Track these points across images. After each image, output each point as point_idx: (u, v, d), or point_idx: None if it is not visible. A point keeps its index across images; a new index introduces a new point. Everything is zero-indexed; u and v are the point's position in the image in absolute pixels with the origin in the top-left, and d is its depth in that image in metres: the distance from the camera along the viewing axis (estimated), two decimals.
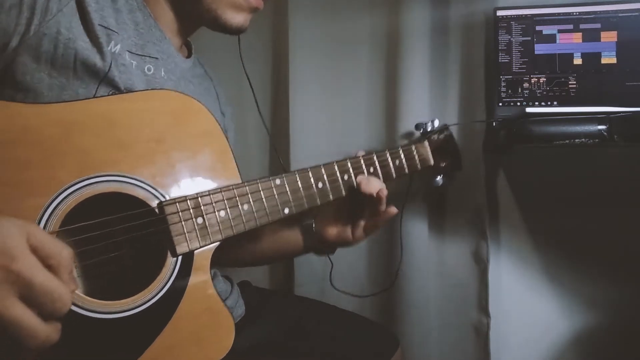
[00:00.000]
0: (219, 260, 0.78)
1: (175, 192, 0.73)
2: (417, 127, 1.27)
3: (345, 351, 1.03)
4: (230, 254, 1.02)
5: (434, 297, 1.46)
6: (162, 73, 0.87)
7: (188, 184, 0.75)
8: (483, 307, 1.42)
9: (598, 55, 1.27)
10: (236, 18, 0.92)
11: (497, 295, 1.42)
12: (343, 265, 1.49)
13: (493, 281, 1.41)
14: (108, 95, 0.76)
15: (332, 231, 1.02)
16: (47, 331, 0.53)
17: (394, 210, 0.99)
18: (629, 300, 1.36)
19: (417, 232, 1.44)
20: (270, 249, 1.07)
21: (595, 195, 1.36)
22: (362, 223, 1.01)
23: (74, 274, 0.60)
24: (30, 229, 0.53)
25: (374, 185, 0.96)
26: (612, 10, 1.26)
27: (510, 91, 1.32)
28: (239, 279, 1.17)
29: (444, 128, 1.25)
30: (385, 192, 0.96)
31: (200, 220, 0.74)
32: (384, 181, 1.02)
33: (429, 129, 1.25)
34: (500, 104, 1.32)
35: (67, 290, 0.54)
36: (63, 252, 0.54)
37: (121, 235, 0.69)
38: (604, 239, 1.37)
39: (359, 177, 0.97)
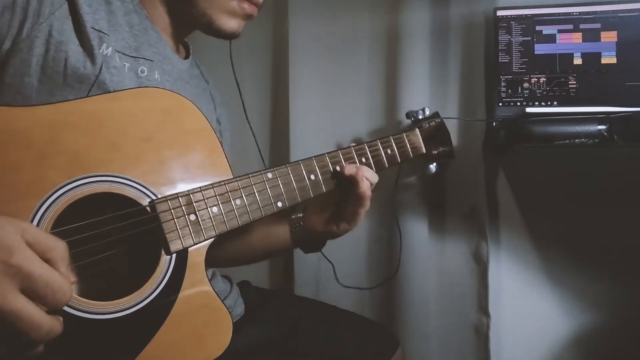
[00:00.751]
0: (209, 260, 0.78)
1: (166, 190, 0.73)
2: (408, 115, 1.27)
3: (345, 351, 1.03)
4: (221, 252, 1.01)
5: (434, 297, 1.46)
6: (157, 75, 0.87)
7: (179, 182, 0.75)
8: (483, 307, 1.42)
9: (598, 55, 1.27)
10: (230, 23, 0.93)
11: (497, 295, 1.42)
12: (342, 264, 1.50)
13: (493, 281, 1.41)
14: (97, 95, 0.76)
15: (319, 221, 1.01)
16: (50, 323, 0.53)
17: (367, 193, 0.95)
18: (629, 300, 1.35)
19: (417, 232, 1.44)
20: (259, 244, 1.06)
21: (595, 195, 1.36)
22: (347, 211, 0.98)
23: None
24: (24, 225, 0.54)
25: (357, 168, 0.95)
26: (612, 10, 1.26)
27: (510, 91, 1.32)
28: (239, 278, 1.17)
29: (435, 116, 1.24)
30: (361, 173, 0.94)
31: (192, 217, 0.74)
32: (377, 171, 1.01)
33: (420, 117, 1.25)
34: (500, 104, 1.32)
35: (66, 281, 0.54)
36: (59, 246, 0.55)
37: (114, 235, 0.69)
38: (604, 239, 1.36)
39: (347, 165, 0.96)
